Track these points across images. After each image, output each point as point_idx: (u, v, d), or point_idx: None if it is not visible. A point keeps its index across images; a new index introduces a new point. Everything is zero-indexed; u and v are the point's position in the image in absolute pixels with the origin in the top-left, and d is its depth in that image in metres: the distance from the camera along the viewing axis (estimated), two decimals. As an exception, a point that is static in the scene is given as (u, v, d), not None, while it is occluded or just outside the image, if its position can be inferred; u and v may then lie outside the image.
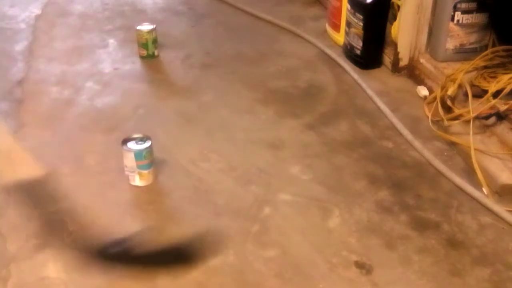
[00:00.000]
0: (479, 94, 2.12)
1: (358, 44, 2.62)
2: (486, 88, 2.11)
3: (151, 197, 1.88)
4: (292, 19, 3.13)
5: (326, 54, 2.78)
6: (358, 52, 2.63)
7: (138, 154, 1.86)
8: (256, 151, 2.10)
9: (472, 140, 1.98)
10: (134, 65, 2.72)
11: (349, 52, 2.70)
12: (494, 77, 2.15)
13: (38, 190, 1.52)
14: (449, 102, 2.16)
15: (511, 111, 2.04)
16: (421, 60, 2.50)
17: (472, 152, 1.95)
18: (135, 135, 1.92)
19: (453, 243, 1.68)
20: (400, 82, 2.55)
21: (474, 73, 2.22)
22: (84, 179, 1.95)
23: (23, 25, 3.09)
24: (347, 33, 2.70)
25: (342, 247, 1.67)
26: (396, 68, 2.57)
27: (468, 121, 2.04)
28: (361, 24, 2.57)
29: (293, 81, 2.57)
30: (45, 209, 1.65)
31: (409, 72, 2.56)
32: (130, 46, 2.83)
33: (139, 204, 1.85)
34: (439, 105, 2.17)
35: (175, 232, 1.72)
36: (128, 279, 1.56)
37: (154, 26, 2.75)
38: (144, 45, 2.72)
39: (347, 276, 1.57)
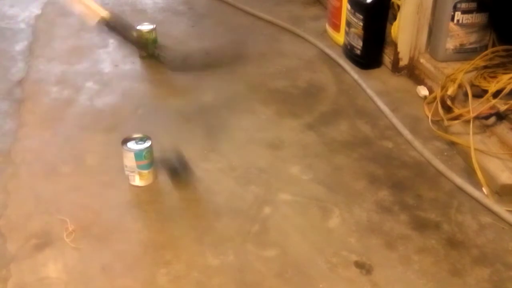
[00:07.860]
0: (479, 94, 2.12)
1: (358, 44, 2.62)
2: (486, 88, 2.11)
3: (151, 197, 1.88)
4: (292, 19, 3.13)
5: (326, 54, 2.78)
6: (358, 52, 2.63)
7: (138, 154, 1.86)
8: (256, 151, 2.10)
9: (472, 140, 1.97)
10: (134, 65, 2.72)
11: (349, 52, 2.70)
12: (494, 77, 2.15)
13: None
14: (449, 102, 2.16)
15: (511, 111, 2.04)
16: (421, 60, 2.50)
17: (472, 152, 1.95)
18: (135, 135, 1.92)
19: (453, 243, 1.68)
20: (400, 82, 2.55)
21: (474, 73, 2.22)
22: (84, 179, 1.95)
23: (23, 25, 3.09)
24: (347, 33, 2.69)
25: (342, 247, 1.67)
26: (396, 68, 2.57)
27: (468, 121, 2.04)
28: (361, 24, 2.57)
29: (293, 81, 2.57)
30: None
31: (409, 72, 2.56)
32: (130, 46, 2.82)
33: (139, 204, 1.85)
34: (439, 105, 2.17)
35: (175, 232, 1.72)
36: (128, 279, 1.56)
37: (154, 26, 2.75)
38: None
39: (347, 276, 1.57)
